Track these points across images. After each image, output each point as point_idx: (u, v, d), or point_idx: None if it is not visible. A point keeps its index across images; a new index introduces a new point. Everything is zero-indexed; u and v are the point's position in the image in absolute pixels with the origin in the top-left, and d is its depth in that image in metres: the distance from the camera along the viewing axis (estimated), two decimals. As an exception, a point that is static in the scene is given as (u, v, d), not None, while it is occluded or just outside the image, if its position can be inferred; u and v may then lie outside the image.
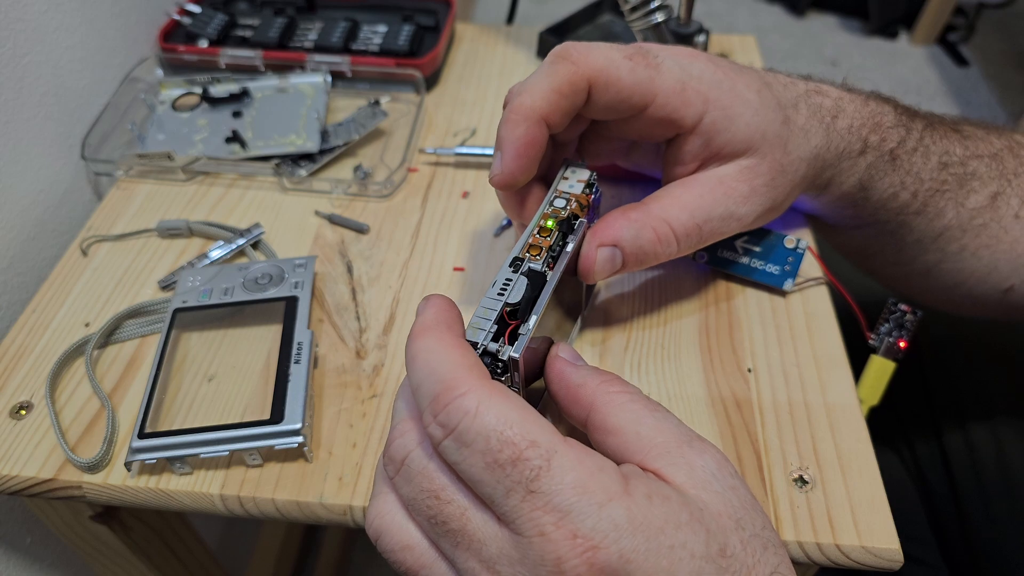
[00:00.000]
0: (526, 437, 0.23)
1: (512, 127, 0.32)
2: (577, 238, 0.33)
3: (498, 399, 0.24)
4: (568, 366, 0.29)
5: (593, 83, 0.32)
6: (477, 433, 0.23)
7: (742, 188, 0.35)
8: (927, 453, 0.54)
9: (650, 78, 0.32)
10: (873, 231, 0.42)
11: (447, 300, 0.28)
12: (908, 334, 0.41)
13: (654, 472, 0.25)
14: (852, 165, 0.38)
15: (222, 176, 0.50)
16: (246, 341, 0.39)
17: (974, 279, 0.41)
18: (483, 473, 0.23)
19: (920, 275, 0.43)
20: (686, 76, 0.33)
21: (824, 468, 0.34)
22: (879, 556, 0.32)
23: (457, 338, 0.26)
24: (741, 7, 2.09)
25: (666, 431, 0.26)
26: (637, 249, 0.34)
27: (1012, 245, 0.40)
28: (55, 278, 0.44)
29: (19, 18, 0.46)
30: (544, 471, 0.23)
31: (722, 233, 0.36)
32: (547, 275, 0.31)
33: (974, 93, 1.80)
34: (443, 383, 0.24)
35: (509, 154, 0.32)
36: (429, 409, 0.24)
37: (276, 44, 0.58)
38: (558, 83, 0.31)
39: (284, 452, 0.35)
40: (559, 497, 0.22)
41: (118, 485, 0.34)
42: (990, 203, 0.39)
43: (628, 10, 0.50)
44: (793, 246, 0.40)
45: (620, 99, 0.33)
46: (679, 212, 0.34)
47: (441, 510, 0.24)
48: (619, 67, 0.32)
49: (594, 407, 0.27)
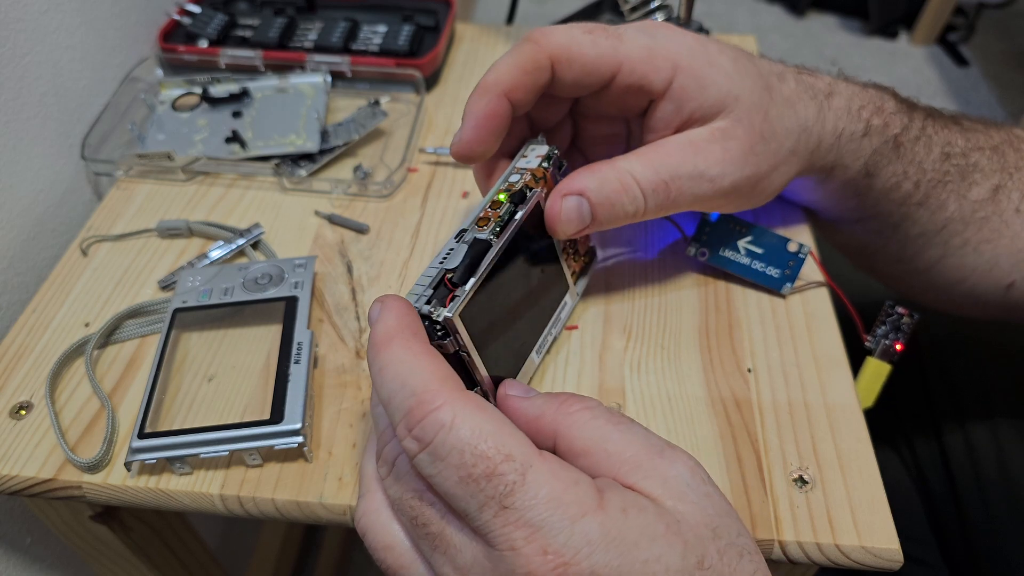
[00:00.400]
0: (501, 451, 0.23)
1: (474, 100, 0.33)
2: (528, 207, 0.33)
3: (473, 411, 0.23)
4: (520, 401, 0.29)
5: (555, 59, 0.33)
6: (451, 447, 0.23)
7: (714, 149, 0.34)
8: (927, 453, 0.54)
9: (613, 47, 0.33)
10: (876, 225, 0.42)
11: (404, 302, 0.27)
12: (904, 337, 0.41)
13: (630, 487, 0.25)
14: (856, 149, 0.37)
15: (222, 176, 0.50)
16: (246, 341, 0.39)
17: (976, 275, 0.41)
18: (457, 487, 0.23)
19: (922, 272, 0.43)
20: (653, 43, 0.34)
21: (824, 468, 0.34)
22: (879, 556, 0.32)
23: (425, 346, 0.26)
24: (741, 7, 2.09)
25: (634, 443, 0.26)
26: (603, 198, 0.33)
27: (1013, 240, 0.40)
28: (55, 278, 0.44)
29: (19, 18, 0.46)
30: (518, 486, 0.23)
31: (694, 195, 0.34)
32: (491, 242, 0.31)
33: (974, 93, 1.79)
34: (416, 396, 0.24)
35: (468, 124, 0.33)
36: (403, 423, 0.24)
37: (276, 44, 0.58)
38: (521, 60, 0.33)
39: (284, 452, 0.35)
40: (531, 512, 0.22)
41: (118, 485, 0.34)
42: (992, 196, 0.39)
43: (628, 10, 0.50)
44: (796, 250, 0.40)
45: (585, 71, 0.33)
46: (644, 168, 0.34)
47: (423, 511, 0.24)
48: (580, 42, 0.33)
49: (558, 433, 0.27)
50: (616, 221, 0.34)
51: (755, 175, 0.35)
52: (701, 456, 0.35)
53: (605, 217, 0.34)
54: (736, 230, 0.41)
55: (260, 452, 0.34)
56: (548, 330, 0.36)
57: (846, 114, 0.37)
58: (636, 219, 0.35)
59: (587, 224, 0.34)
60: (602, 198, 0.33)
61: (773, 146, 0.35)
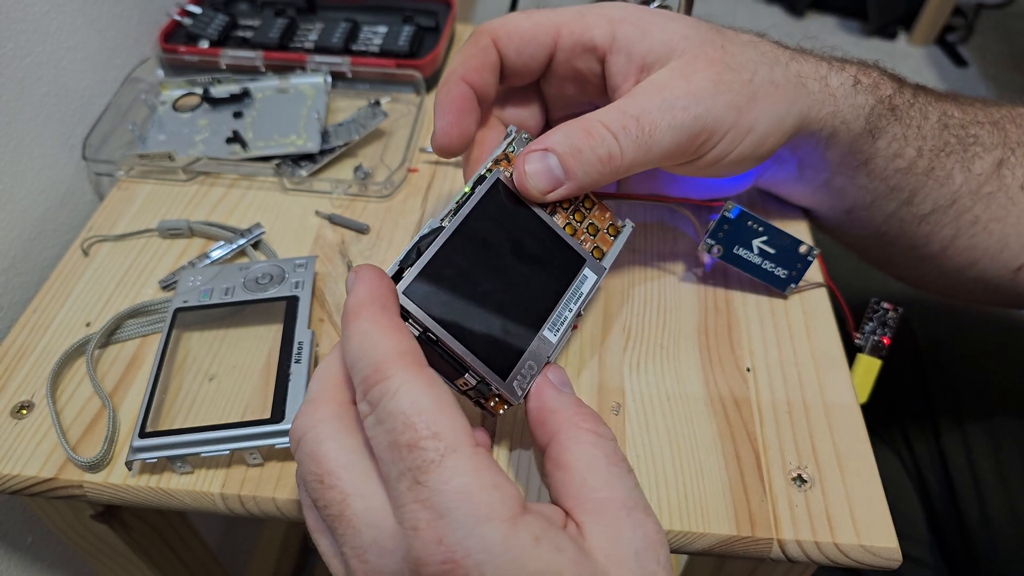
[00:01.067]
0: (430, 427, 0.23)
1: (438, 92, 0.35)
2: (485, 186, 0.32)
3: (418, 386, 0.24)
4: (550, 388, 0.29)
5: (495, 37, 0.35)
6: (389, 413, 0.24)
7: (679, 83, 0.33)
8: (925, 453, 0.54)
9: (547, 17, 0.35)
10: (890, 205, 0.41)
11: (378, 273, 0.27)
12: (891, 331, 0.43)
13: (578, 524, 0.25)
14: (853, 102, 0.37)
15: (223, 176, 0.51)
16: (247, 341, 0.39)
17: (987, 257, 0.41)
18: (384, 452, 0.24)
19: (936, 256, 0.43)
20: (585, 8, 0.35)
21: (823, 467, 0.34)
22: (877, 555, 0.32)
23: (391, 318, 0.26)
24: (740, 8, 2.09)
25: (614, 488, 0.26)
26: (568, 147, 0.32)
27: (1020, 218, 0.39)
28: (56, 278, 0.44)
29: (20, 19, 0.46)
30: (435, 465, 0.22)
31: (671, 125, 0.33)
32: (442, 227, 0.31)
33: (973, 93, 1.79)
34: (373, 366, 0.24)
35: (438, 114, 0.35)
36: (360, 387, 0.25)
37: (276, 45, 0.58)
38: (468, 47, 0.35)
39: (285, 451, 0.35)
40: (440, 496, 0.22)
41: (119, 484, 0.34)
42: (995, 170, 0.39)
43: (627, 11, 0.50)
44: (805, 253, 0.41)
45: (524, 41, 0.35)
46: (609, 111, 0.33)
47: (323, 494, 0.25)
48: (516, 19, 0.35)
49: (556, 437, 0.27)
50: (593, 171, 0.32)
51: (733, 103, 0.34)
52: (700, 455, 0.35)
53: (578, 167, 0.32)
54: (753, 229, 0.41)
55: (261, 451, 0.34)
56: (565, 305, 0.34)
57: (826, 64, 0.37)
58: (617, 166, 0.32)
59: (560, 179, 0.32)
60: (567, 147, 0.32)
61: (745, 76, 0.34)
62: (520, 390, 0.31)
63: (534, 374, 0.31)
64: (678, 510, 0.33)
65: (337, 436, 0.25)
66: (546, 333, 0.33)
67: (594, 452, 0.27)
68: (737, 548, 0.32)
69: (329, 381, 0.27)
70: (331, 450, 0.25)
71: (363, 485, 0.24)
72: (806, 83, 0.36)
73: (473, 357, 0.30)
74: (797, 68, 0.36)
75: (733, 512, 0.33)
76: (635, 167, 0.33)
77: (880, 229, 0.44)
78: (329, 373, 0.28)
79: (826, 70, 0.37)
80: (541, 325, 0.33)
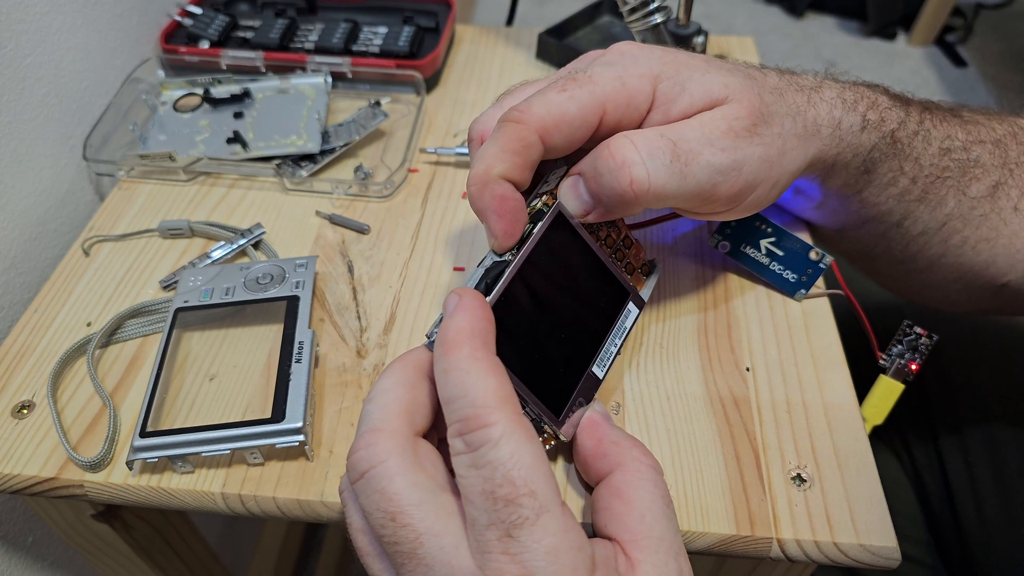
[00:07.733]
0: (528, 484, 0.24)
1: (481, 196, 0.31)
2: (546, 221, 0.32)
3: (519, 439, 0.24)
4: (605, 421, 0.31)
5: (543, 132, 0.31)
6: (488, 461, 0.24)
7: (719, 123, 0.32)
8: (924, 455, 0.55)
9: (590, 93, 0.32)
10: (880, 228, 0.42)
11: (482, 303, 0.27)
12: (922, 358, 0.40)
13: (630, 560, 0.26)
14: (856, 144, 0.37)
15: (223, 177, 0.51)
16: (247, 340, 0.39)
17: (972, 274, 0.41)
18: (478, 497, 0.24)
19: (922, 272, 0.43)
20: (623, 71, 0.33)
21: (822, 467, 0.34)
22: (877, 554, 0.32)
23: (492, 359, 0.26)
24: (739, 8, 2.09)
25: (667, 530, 0.27)
26: (591, 169, 0.32)
27: (1011, 239, 0.40)
28: (57, 278, 0.44)
29: (21, 19, 0.46)
30: (529, 523, 0.24)
31: (710, 163, 0.31)
32: (509, 261, 0.31)
33: (972, 94, 1.80)
34: (475, 408, 0.25)
35: (492, 220, 0.31)
36: (457, 426, 0.25)
37: (277, 45, 0.58)
38: (511, 144, 0.31)
39: (285, 451, 0.35)
40: (530, 554, 0.23)
41: (120, 484, 0.34)
42: (991, 193, 0.39)
43: (627, 11, 0.50)
44: (817, 259, 0.41)
45: (573, 128, 0.32)
46: (643, 133, 0.32)
47: (394, 532, 0.25)
48: (560, 104, 0.31)
49: (622, 467, 0.29)
50: (615, 195, 0.31)
51: (766, 157, 0.33)
52: (700, 455, 0.35)
53: (601, 192, 0.32)
54: (761, 228, 0.41)
55: (261, 451, 0.34)
56: (611, 341, 0.34)
57: (840, 104, 0.37)
58: (645, 191, 0.31)
59: (588, 203, 0.32)
60: (591, 169, 0.32)
61: (776, 128, 0.34)
62: (572, 428, 0.32)
63: (582, 411, 0.32)
64: (678, 509, 0.33)
65: (407, 473, 0.25)
66: (595, 369, 0.34)
67: (655, 491, 0.28)
68: (737, 547, 0.33)
69: (392, 409, 0.27)
70: (402, 488, 0.25)
71: (434, 523, 0.25)
72: (820, 129, 0.36)
73: (534, 398, 0.30)
74: (814, 115, 0.36)
75: (733, 511, 0.33)
76: (671, 197, 0.32)
77: (868, 245, 0.44)
78: (391, 399, 0.27)
79: (840, 113, 0.37)
80: (590, 361, 0.34)
